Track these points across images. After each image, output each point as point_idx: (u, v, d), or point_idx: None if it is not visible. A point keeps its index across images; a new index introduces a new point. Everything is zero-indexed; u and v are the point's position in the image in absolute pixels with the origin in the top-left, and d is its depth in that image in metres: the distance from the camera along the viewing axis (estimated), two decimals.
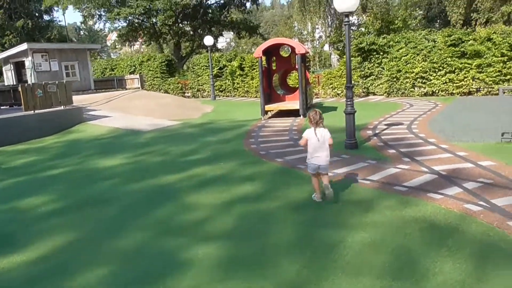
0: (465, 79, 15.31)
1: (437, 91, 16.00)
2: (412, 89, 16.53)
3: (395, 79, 16.73)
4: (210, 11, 35.94)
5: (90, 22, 55.03)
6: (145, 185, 6.38)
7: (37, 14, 47.07)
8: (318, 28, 49.31)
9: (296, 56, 12.30)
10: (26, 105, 11.35)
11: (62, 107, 12.39)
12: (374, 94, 17.99)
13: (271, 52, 13.63)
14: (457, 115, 11.13)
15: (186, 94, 23.90)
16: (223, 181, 6.35)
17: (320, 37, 50.91)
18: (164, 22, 31.33)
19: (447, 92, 15.80)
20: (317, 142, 5.04)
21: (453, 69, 15.43)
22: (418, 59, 16.12)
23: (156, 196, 5.85)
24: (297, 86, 13.19)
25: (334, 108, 14.49)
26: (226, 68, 21.87)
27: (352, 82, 15.88)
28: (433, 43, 16.14)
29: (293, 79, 18.02)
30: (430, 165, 6.48)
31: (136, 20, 34.59)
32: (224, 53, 23.37)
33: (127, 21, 33.71)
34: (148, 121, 12.86)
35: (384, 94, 17.23)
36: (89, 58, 21.33)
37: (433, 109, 12.52)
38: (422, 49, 16.14)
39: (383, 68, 17.36)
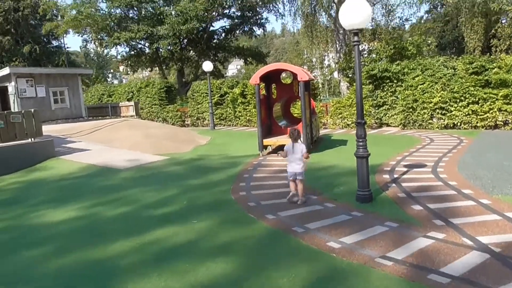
0: (491, 111, 13.56)
1: (458, 124, 14.25)
2: (430, 121, 14.81)
3: (411, 110, 15.05)
4: (215, 36, 35.11)
5: (99, 48, 54.78)
6: (79, 258, 4.65)
7: (45, 40, 46.82)
8: (326, 56, 48.34)
9: (299, 83, 10.74)
10: None
11: (29, 140, 10.88)
12: (388, 125, 16.30)
13: (271, 78, 12.11)
14: (490, 154, 9.34)
15: (186, 123, 22.52)
16: (187, 254, 4.62)
17: (329, 65, 49.91)
18: (167, 47, 30.41)
19: (470, 125, 14.04)
20: (294, 154, 6.20)
21: (477, 99, 13.72)
22: (437, 88, 14.47)
23: (84, 281, 4.10)
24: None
25: (344, 142, 12.82)
26: (227, 95, 20.49)
27: (364, 113, 14.41)
28: (453, 70, 14.53)
29: (298, 108, 16.45)
30: (474, 233, 4.71)
31: (139, 46, 33.81)
32: (225, 79, 22.04)
33: (129, 46, 32.90)
34: (130, 156, 11.29)
35: (400, 126, 15.52)
36: (81, 83, 20.13)
37: (459, 146, 10.75)
38: (441, 77, 14.52)
39: (397, 97, 15.74)
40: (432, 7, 31.89)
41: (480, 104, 13.68)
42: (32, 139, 10.89)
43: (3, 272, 4.44)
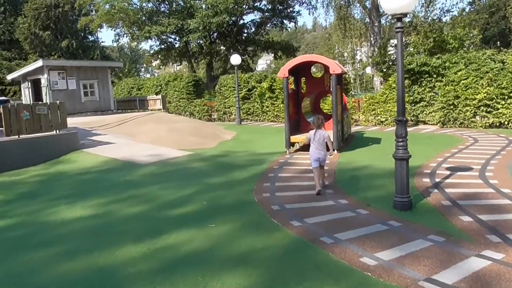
0: None
1: (506, 123, 13.09)
2: (473, 119, 13.71)
3: (452, 107, 13.98)
4: (245, 30, 34.64)
5: (132, 43, 55.50)
6: (86, 264, 4.23)
7: (82, 34, 47.98)
8: (358, 50, 46.88)
9: (330, 76, 10.04)
10: (8, 129, 9.76)
11: (54, 132, 10.72)
12: (424, 123, 15.29)
13: (300, 72, 11.46)
14: None
15: (213, 117, 22.17)
16: (201, 264, 4.11)
17: (361, 60, 48.44)
18: (197, 41, 30.22)
19: None
20: (317, 141, 6.46)
21: None
22: (482, 84, 13.34)
23: None
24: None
25: (377, 140, 12.00)
26: (255, 89, 19.94)
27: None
28: (501, 64, 13.35)
29: (329, 103, 15.68)
30: None
31: (170, 39, 33.81)
32: (253, 73, 21.49)
33: (160, 40, 32.94)
34: (153, 151, 10.96)
35: (438, 124, 14.48)
36: (110, 76, 20.11)
37: (508, 147, 9.73)
38: (487, 72, 13.37)
39: (436, 93, 14.70)
40: None
41: None
42: (57, 131, 10.74)
43: (5, 275, 4.09)
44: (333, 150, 6.80)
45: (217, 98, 21.78)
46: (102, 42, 55.50)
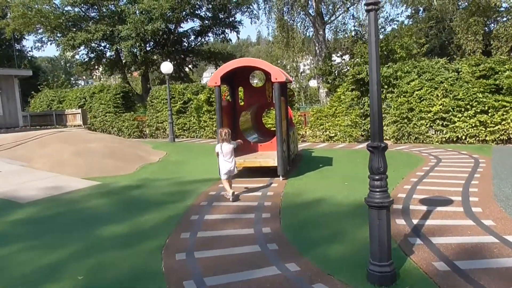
0: (503, 122, 11.38)
1: (463, 137, 12.00)
2: (428, 134, 12.52)
3: (405, 120, 12.72)
4: (184, 39, 32.41)
5: (66, 52, 50.93)
6: None
7: (6, 43, 43.36)
8: (301, 63, 46.20)
9: (273, 85, 8.16)
10: None
11: None
12: None
13: (238, 80, 9.51)
14: None
15: (145, 133, 19.61)
16: None
17: (303, 71, 47.89)
18: (129, 49, 27.44)
19: (477, 138, 11.82)
20: (225, 155, 6.62)
21: (486, 108, 11.53)
22: (437, 95, 12.21)
23: None
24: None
25: (328, 161, 10.30)
26: (191, 102, 17.77)
27: (350, 123, 12.02)
28: (456, 74, 12.32)
29: (272, 118, 13.90)
30: None
31: (99, 47, 30.62)
32: (189, 84, 19.32)
33: (88, 48, 29.67)
34: (48, 182, 8.38)
35: (392, 140, 13.16)
36: (18, 86, 16.93)
37: (479, 169, 8.36)
38: (442, 82, 12.28)
39: (388, 106, 13.43)
40: (413, 11, 30.26)
41: (490, 114, 11.47)
42: None
43: None
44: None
45: (148, 111, 19.28)
46: (29, 51, 50.05)
